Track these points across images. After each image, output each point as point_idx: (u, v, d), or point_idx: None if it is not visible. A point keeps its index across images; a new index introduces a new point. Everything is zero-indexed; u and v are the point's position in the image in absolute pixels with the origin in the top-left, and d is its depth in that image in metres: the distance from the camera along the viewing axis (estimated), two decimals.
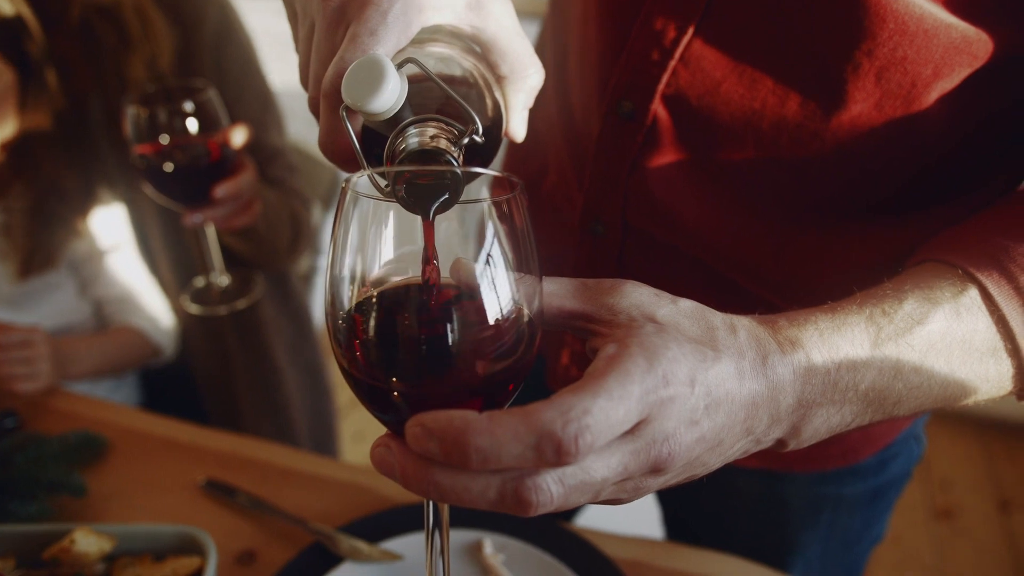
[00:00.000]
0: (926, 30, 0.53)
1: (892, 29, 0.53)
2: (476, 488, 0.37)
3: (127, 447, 0.93)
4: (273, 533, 0.80)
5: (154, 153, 0.89)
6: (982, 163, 0.62)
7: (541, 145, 0.83)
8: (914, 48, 0.54)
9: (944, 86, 0.56)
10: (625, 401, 0.37)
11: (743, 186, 0.65)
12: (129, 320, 1.20)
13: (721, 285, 0.71)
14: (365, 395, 0.41)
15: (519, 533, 0.77)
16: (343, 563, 0.73)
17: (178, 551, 0.70)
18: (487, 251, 0.38)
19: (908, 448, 0.83)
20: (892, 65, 0.55)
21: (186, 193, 0.94)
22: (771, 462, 0.79)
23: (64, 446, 0.89)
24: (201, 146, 0.91)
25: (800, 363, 0.45)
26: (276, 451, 0.93)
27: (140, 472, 0.90)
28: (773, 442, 0.48)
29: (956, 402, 0.52)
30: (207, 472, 0.88)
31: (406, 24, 0.45)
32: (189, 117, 0.89)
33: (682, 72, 0.62)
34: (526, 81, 0.51)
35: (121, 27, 1.07)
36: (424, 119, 0.44)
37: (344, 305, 0.39)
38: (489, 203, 0.39)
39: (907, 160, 0.61)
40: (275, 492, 0.85)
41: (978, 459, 2.64)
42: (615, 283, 0.45)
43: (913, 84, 0.56)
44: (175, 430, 0.97)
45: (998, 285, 0.50)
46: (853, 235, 0.65)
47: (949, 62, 0.55)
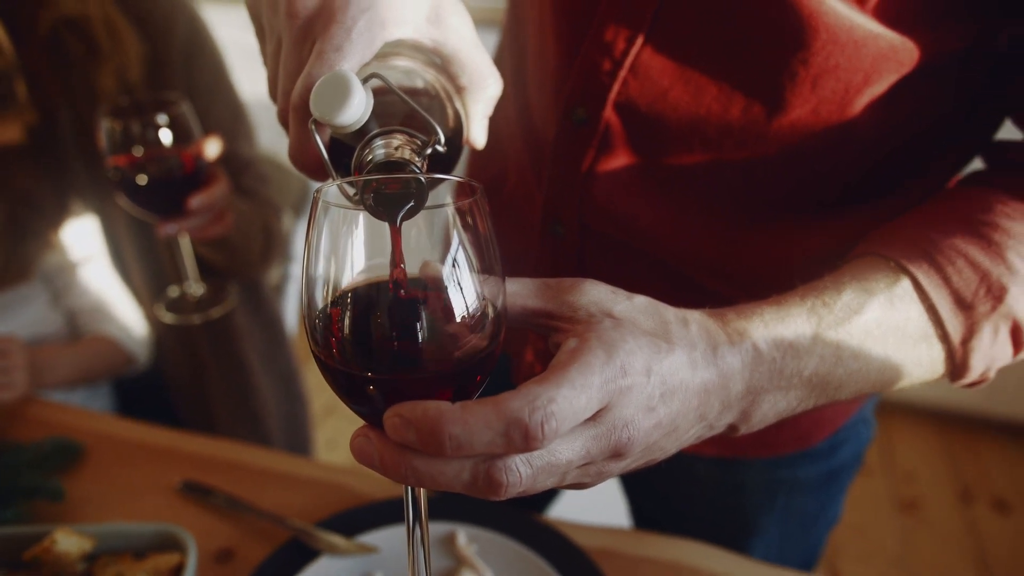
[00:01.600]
0: (856, 40, 0.57)
1: (824, 39, 0.57)
2: (451, 471, 0.40)
3: (103, 452, 0.95)
4: (250, 531, 0.82)
5: (128, 165, 0.90)
6: (918, 160, 0.67)
7: (502, 150, 0.86)
8: (845, 57, 0.58)
9: (874, 91, 0.60)
10: (587, 390, 0.41)
11: (693, 187, 0.69)
12: (102, 329, 1.21)
13: (678, 282, 0.74)
14: (343, 389, 0.43)
15: (492, 524, 0.80)
16: (320, 557, 0.76)
17: (158, 548, 0.71)
18: (452, 253, 0.41)
19: (857, 432, 0.87)
20: (826, 73, 0.59)
21: (160, 204, 0.95)
22: (727, 449, 0.83)
23: (40, 453, 0.90)
24: (175, 158, 0.92)
25: (748, 352, 0.49)
26: (252, 452, 0.95)
27: (117, 476, 0.91)
28: (725, 427, 0.52)
29: (893, 385, 0.57)
30: (183, 474, 0.90)
31: (370, 40, 0.47)
32: (162, 129, 0.91)
33: (631, 81, 0.65)
34: (485, 91, 0.54)
35: (90, 39, 1.08)
36: (389, 131, 0.47)
37: (319, 305, 0.41)
38: (452, 208, 0.42)
39: (846, 159, 0.65)
40: (251, 492, 0.87)
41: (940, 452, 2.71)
42: (574, 282, 0.48)
43: (846, 90, 0.60)
44: (150, 434, 0.98)
45: (928, 276, 0.55)
46: (803, 229, 0.69)
47: (878, 69, 0.59)
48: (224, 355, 1.29)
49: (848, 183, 0.67)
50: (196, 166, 0.94)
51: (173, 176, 0.92)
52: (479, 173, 0.93)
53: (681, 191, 0.69)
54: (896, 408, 2.86)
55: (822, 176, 0.66)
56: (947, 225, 0.58)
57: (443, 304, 0.41)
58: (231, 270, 1.22)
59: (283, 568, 0.75)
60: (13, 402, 1.02)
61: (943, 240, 0.56)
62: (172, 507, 0.86)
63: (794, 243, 0.69)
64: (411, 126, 0.48)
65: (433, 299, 0.41)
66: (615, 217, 0.73)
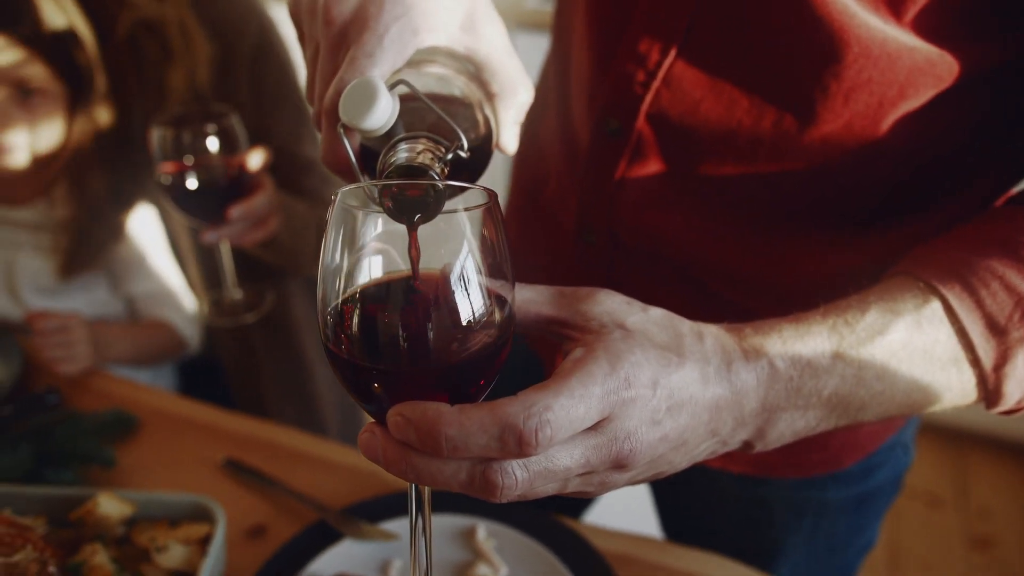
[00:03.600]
0: (889, 53, 0.56)
1: (856, 53, 0.56)
2: (448, 471, 0.41)
3: (156, 426, 1.00)
4: (283, 510, 0.86)
5: (176, 172, 0.95)
6: (957, 177, 0.65)
7: (544, 154, 0.87)
8: (878, 70, 0.57)
9: (910, 105, 0.59)
10: (586, 400, 0.41)
11: (724, 200, 0.68)
12: (159, 314, 1.27)
13: (706, 295, 0.74)
14: (351, 385, 0.45)
15: (513, 521, 0.81)
16: (343, 540, 0.78)
17: (191, 518, 0.75)
18: (462, 258, 0.42)
19: (895, 456, 0.85)
20: (858, 87, 0.58)
21: (203, 211, 1.00)
22: (754, 466, 0.82)
23: (98, 422, 0.96)
24: (220, 168, 0.97)
25: (763, 369, 0.49)
26: (292, 435, 0.98)
27: (166, 449, 0.96)
28: (740, 444, 0.51)
29: (923, 408, 0.55)
30: (227, 451, 0.94)
31: (401, 47, 0.49)
32: (211, 140, 0.95)
33: (664, 92, 0.65)
34: (515, 98, 0.55)
35: (164, 41, 1.14)
36: (414, 136, 0.49)
37: (332, 302, 0.43)
38: (465, 213, 0.42)
39: (880, 174, 0.64)
40: (288, 472, 0.91)
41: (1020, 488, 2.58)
42: (590, 291, 0.49)
43: (880, 104, 0.59)
44: (200, 412, 1.03)
45: (959, 298, 0.53)
46: (834, 245, 0.68)
47: (914, 83, 0.58)
48: (279, 344, 1.33)
49: (882, 199, 0.66)
50: (239, 176, 0.98)
51: (216, 185, 0.97)
52: (522, 176, 0.95)
53: (712, 203, 0.69)
54: (975, 439, 2.73)
55: (855, 191, 0.65)
56: (985, 246, 0.55)
57: (450, 307, 0.42)
58: (284, 268, 1.27)
59: (308, 548, 0.78)
60: (75, 374, 1.09)
61: (979, 261, 0.54)
62: (213, 481, 0.90)
63: (825, 259, 0.68)
64: (437, 132, 0.49)
65: (441, 302, 0.42)
66: (645, 227, 0.73)
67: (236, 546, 0.81)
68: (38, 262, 1.23)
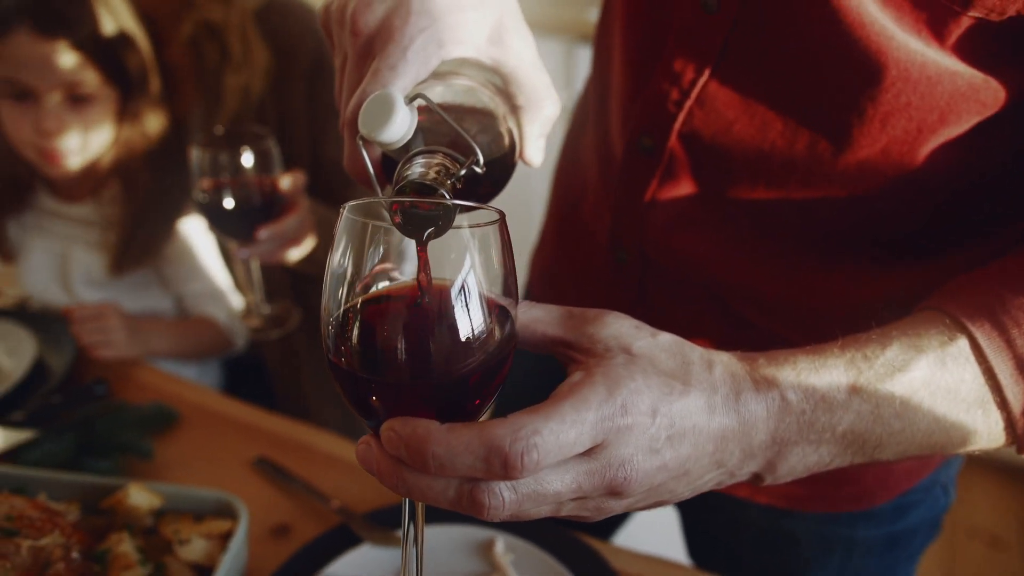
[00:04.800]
0: (929, 77, 0.54)
1: (895, 76, 0.55)
2: (437, 487, 0.41)
3: (195, 421, 1.03)
4: (308, 511, 0.87)
5: (211, 189, 0.98)
6: (999, 208, 0.62)
7: (583, 169, 0.87)
8: (918, 95, 0.55)
9: (952, 132, 0.57)
10: (577, 425, 0.40)
11: (754, 224, 0.67)
12: (207, 311, 1.31)
13: (734, 319, 0.72)
14: (348, 397, 0.45)
15: (532, 537, 0.81)
16: (362, 545, 0.79)
17: (216, 514, 0.77)
18: (463, 276, 0.42)
19: (932, 497, 0.81)
20: (897, 111, 0.56)
21: (235, 229, 1.02)
22: (781, 498, 0.80)
23: (140, 414, 0.99)
24: (253, 189, 0.99)
25: (774, 401, 0.47)
26: (325, 438, 1.00)
27: (202, 444, 0.99)
28: (749, 476, 0.50)
29: (947, 449, 0.53)
30: (262, 450, 0.97)
31: (425, 59, 0.49)
32: (246, 160, 0.98)
33: (697, 112, 0.65)
34: (541, 111, 0.55)
35: (225, 47, 1.17)
36: (431, 150, 0.49)
37: (333, 313, 0.43)
38: (470, 231, 0.42)
39: (918, 204, 0.62)
40: (318, 474, 0.92)
41: None
42: (598, 314, 0.48)
43: (919, 130, 0.57)
44: (238, 410, 1.06)
45: (988, 337, 0.50)
46: (865, 274, 0.66)
47: (955, 109, 0.55)
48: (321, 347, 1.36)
49: (918, 229, 0.63)
50: (272, 197, 1.00)
51: (248, 205, 1.00)
52: (561, 190, 0.95)
53: (741, 226, 0.68)
54: None
55: (890, 219, 0.63)
56: (1019, 283, 0.53)
57: (448, 324, 0.42)
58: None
59: (327, 550, 0.79)
60: (114, 359, 1.12)
61: (1013, 299, 0.51)
62: (244, 479, 0.92)
63: (857, 290, 0.66)
64: (455, 146, 0.49)
65: (439, 318, 0.42)
66: (674, 247, 0.72)
67: (261, 543, 0.82)
68: (90, 257, 1.28)
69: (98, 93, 1.14)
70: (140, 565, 0.70)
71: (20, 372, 1.08)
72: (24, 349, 1.14)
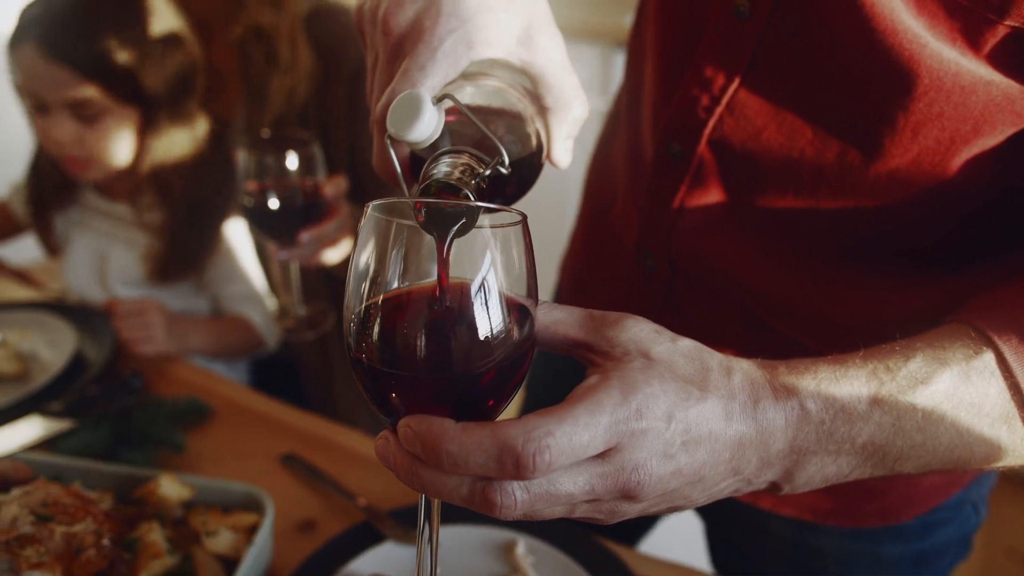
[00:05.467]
0: (963, 87, 0.53)
1: (927, 85, 0.54)
2: (451, 484, 0.42)
3: (227, 416, 1.05)
4: (334, 508, 0.88)
5: (256, 192, 1.01)
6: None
7: (614, 173, 0.87)
8: (951, 104, 0.54)
9: (986, 143, 0.56)
10: (591, 428, 0.41)
11: (782, 232, 0.67)
12: (243, 311, 1.33)
13: (760, 327, 0.72)
14: (368, 391, 0.46)
15: (554, 540, 0.81)
16: (385, 542, 0.80)
17: (244, 507, 0.79)
18: (482, 274, 0.42)
19: (963, 514, 0.80)
20: (929, 121, 0.56)
21: (277, 232, 1.04)
22: (805, 511, 0.79)
23: (175, 408, 1.02)
24: (296, 193, 1.01)
25: (793, 410, 0.47)
26: (352, 436, 1.01)
27: (233, 439, 1.01)
28: (766, 484, 0.49)
29: (969, 465, 0.52)
30: (289, 447, 0.98)
31: (454, 60, 0.50)
32: (290, 164, 1.00)
33: (727, 118, 0.64)
34: (569, 113, 0.55)
35: (273, 51, 1.19)
36: (457, 151, 0.49)
37: (355, 309, 0.44)
38: (491, 231, 0.43)
39: (947, 213, 0.61)
40: (343, 472, 0.93)
41: None
42: (619, 317, 0.48)
43: (952, 140, 0.56)
44: (269, 407, 1.08)
45: (1016, 352, 0.50)
46: (893, 286, 0.65)
47: (990, 119, 0.55)
48: None
49: (950, 241, 0.62)
50: (314, 202, 1.02)
51: (291, 209, 1.02)
52: (593, 193, 0.95)
53: (769, 234, 0.68)
54: None
55: (921, 231, 0.63)
56: None
57: (467, 322, 0.42)
58: None
59: (351, 546, 0.80)
60: (156, 356, 1.15)
61: None
62: (273, 474, 0.94)
63: (884, 301, 0.65)
64: (481, 147, 0.50)
65: (458, 317, 0.43)
66: (701, 254, 0.72)
67: (287, 538, 0.84)
68: (129, 256, 1.30)
69: (109, 110, 1.17)
70: (168, 554, 0.72)
71: (60, 364, 1.11)
72: (64, 341, 1.18)
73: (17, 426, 0.96)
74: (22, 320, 1.24)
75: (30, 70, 1.13)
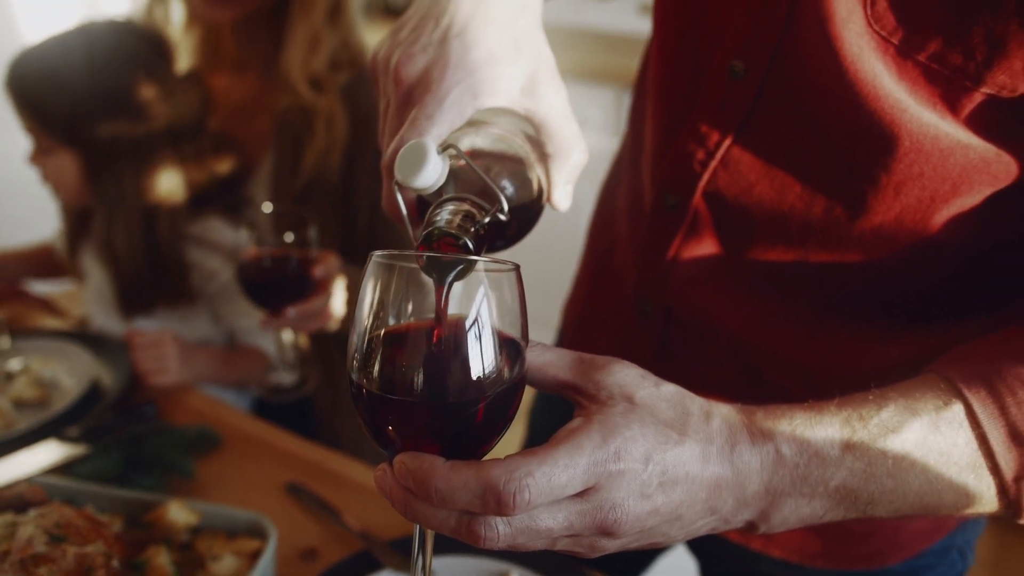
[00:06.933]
0: (942, 149, 0.56)
1: (907, 147, 0.57)
2: (440, 516, 0.46)
3: (236, 444, 1.08)
4: (336, 536, 0.91)
5: (249, 262, 1.07)
6: (1010, 277, 0.63)
7: (616, 221, 0.90)
8: (930, 166, 0.57)
9: (964, 202, 0.58)
10: (570, 469, 0.44)
11: (773, 283, 0.70)
12: (255, 342, 1.37)
13: (752, 376, 0.74)
14: (366, 425, 0.49)
15: (546, 571, 0.83)
16: (383, 571, 0.82)
17: (248, 533, 0.81)
18: (475, 318, 0.45)
19: (949, 560, 0.82)
20: (910, 180, 0.58)
21: (264, 302, 1.09)
22: (793, 553, 0.81)
23: (185, 436, 1.05)
24: (288, 268, 1.07)
25: (769, 454, 0.50)
26: (355, 467, 1.04)
27: (241, 467, 1.04)
28: (743, 523, 0.52)
29: (939, 511, 0.54)
30: (293, 475, 1.01)
31: (460, 109, 0.54)
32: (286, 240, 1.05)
33: (721, 172, 0.68)
34: (569, 159, 0.58)
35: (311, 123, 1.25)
36: (460, 198, 0.53)
37: (358, 346, 0.47)
38: (488, 277, 0.46)
39: (930, 267, 0.63)
40: (346, 501, 0.96)
41: None
42: (607, 361, 0.51)
43: (932, 199, 0.59)
44: (276, 437, 1.10)
45: (983, 403, 0.52)
46: (881, 337, 0.68)
47: (968, 180, 0.57)
48: None
49: (935, 294, 0.65)
50: (303, 279, 1.07)
51: (280, 283, 1.08)
52: (596, 239, 0.98)
53: (760, 285, 0.70)
54: None
55: (907, 284, 0.65)
56: (1019, 352, 0.54)
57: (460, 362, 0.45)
58: None
59: (349, 574, 0.82)
60: (170, 386, 1.19)
61: (1009, 368, 0.53)
62: (277, 502, 0.97)
63: (872, 352, 0.68)
64: (483, 194, 0.53)
65: (452, 357, 0.46)
66: (695, 303, 0.74)
67: (289, 566, 0.86)
68: None
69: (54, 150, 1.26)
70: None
71: (78, 391, 1.15)
72: (82, 369, 1.22)
73: (35, 450, 0.99)
74: (44, 348, 1.29)
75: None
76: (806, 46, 0.58)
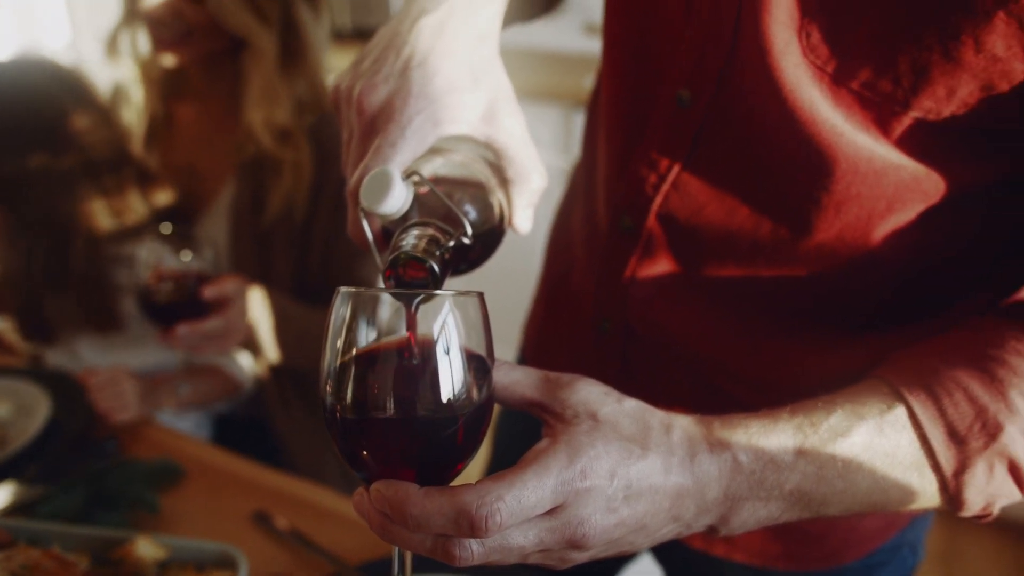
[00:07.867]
0: (876, 170, 0.59)
1: (844, 168, 0.60)
2: (416, 539, 0.48)
3: (199, 476, 1.07)
4: (304, 562, 0.91)
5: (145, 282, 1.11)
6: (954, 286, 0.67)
7: (572, 244, 0.92)
8: (866, 185, 0.60)
9: (900, 219, 0.62)
10: (539, 491, 0.46)
11: (726, 299, 0.73)
12: (212, 362, 1.37)
13: (711, 389, 0.77)
14: (340, 451, 0.50)
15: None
16: None
17: (217, 565, 0.82)
18: (444, 344, 0.47)
19: (900, 557, 0.85)
20: (848, 200, 0.61)
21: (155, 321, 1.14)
22: (756, 557, 0.84)
23: (149, 469, 1.04)
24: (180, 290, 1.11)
25: (727, 462, 0.53)
26: (320, 492, 1.04)
27: (206, 498, 1.03)
28: (704, 528, 0.55)
29: (887, 508, 0.58)
30: (261, 504, 1.01)
31: (422, 137, 0.55)
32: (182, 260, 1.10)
33: (673, 195, 0.70)
34: (528, 184, 0.61)
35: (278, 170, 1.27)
36: (425, 223, 0.54)
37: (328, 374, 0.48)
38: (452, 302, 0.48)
39: (874, 282, 0.67)
40: (313, 527, 0.96)
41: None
42: (571, 379, 0.53)
43: (869, 217, 0.62)
44: (239, 466, 1.10)
45: (923, 406, 0.56)
46: (831, 346, 0.71)
47: (901, 198, 0.61)
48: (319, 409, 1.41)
49: (877, 305, 0.68)
50: (193, 301, 1.11)
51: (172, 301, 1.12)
52: (553, 262, 1.00)
53: (715, 301, 0.73)
54: None
55: (852, 296, 0.68)
56: (955, 356, 0.58)
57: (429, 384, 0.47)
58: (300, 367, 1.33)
59: None
60: (131, 422, 1.18)
61: (946, 371, 0.57)
62: (243, 531, 0.96)
63: (824, 361, 0.71)
64: (447, 219, 0.55)
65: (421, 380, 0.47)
66: (653, 320, 0.77)
67: None
68: None
69: None
70: None
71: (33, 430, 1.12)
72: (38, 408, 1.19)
73: None
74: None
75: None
76: (748, 76, 0.61)
